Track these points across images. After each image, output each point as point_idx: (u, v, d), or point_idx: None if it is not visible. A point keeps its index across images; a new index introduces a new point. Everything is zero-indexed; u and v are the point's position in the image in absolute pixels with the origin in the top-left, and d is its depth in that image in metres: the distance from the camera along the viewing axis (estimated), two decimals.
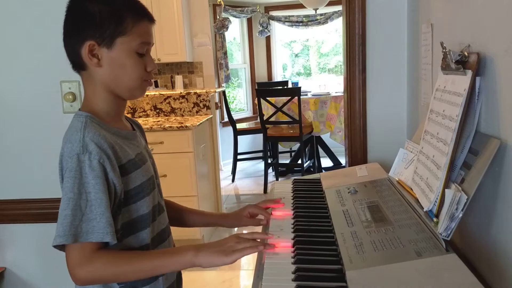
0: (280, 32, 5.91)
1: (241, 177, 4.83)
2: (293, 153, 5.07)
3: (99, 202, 0.83)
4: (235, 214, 1.18)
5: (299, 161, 4.39)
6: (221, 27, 4.87)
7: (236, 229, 3.45)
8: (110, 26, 0.88)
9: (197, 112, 3.46)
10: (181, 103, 3.46)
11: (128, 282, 0.92)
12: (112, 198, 0.87)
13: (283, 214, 1.13)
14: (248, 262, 2.83)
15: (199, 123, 3.04)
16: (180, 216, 1.17)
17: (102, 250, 0.85)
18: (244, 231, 0.97)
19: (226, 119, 4.97)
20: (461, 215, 0.78)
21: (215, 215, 1.33)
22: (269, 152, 4.52)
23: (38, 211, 1.65)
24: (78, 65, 0.93)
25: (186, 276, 1.10)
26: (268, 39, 5.73)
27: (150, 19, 0.94)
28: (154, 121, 3.21)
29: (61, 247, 0.84)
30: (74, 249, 0.83)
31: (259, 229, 1.15)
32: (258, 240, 0.94)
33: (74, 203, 0.82)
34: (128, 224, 0.92)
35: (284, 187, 1.36)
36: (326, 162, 4.75)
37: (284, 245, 0.92)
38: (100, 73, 0.91)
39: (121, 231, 0.90)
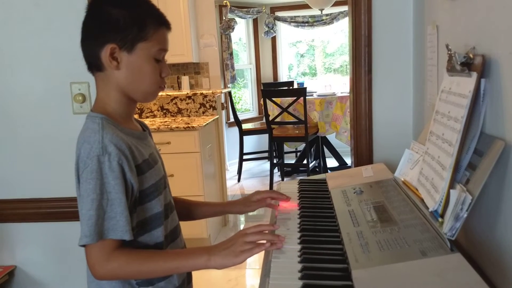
0: (285, 33, 5.91)
1: (247, 177, 4.85)
2: (298, 153, 5.07)
3: (119, 202, 0.85)
4: (243, 200, 1.19)
5: (305, 161, 4.40)
6: (227, 28, 4.89)
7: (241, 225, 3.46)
8: (133, 31, 0.90)
9: (203, 112, 3.48)
10: (187, 103, 3.48)
11: None
12: (129, 197, 0.89)
13: (290, 207, 1.16)
14: (254, 261, 2.84)
15: (205, 123, 3.06)
16: (188, 210, 1.20)
17: (120, 249, 0.87)
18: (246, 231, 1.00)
19: (232, 119, 4.99)
20: (466, 215, 0.79)
21: (222, 204, 1.36)
22: (274, 153, 4.53)
23: (49, 210, 1.68)
24: (95, 66, 0.94)
25: (193, 274, 1.11)
26: (273, 39, 5.74)
27: (168, 26, 0.96)
28: (161, 122, 3.24)
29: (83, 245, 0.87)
30: (93, 248, 0.86)
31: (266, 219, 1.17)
32: (266, 231, 0.95)
33: (98, 203, 0.85)
34: (143, 222, 0.94)
35: (290, 187, 1.38)
36: (331, 162, 4.75)
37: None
38: (117, 75, 0.93)
39: (136, 229, 0.92)
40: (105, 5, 0.92)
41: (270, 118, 4.16)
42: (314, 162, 4.51)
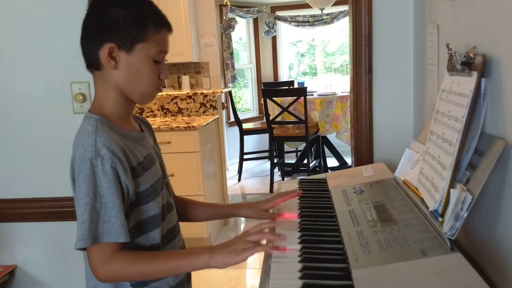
0: (286, 32, 5.91)
1: (247, 177, 4.85)
2: (299, 153, 5.07)
3: (112, 205, 0.85)
4: (252, 206, 1.17)
5: (305, 161, 4.40)
6: (227, 27, 4.89)
7: (242, 227, 3.46)
8: (132, 31, 0.90)
9: (203, 112, 3.48)
10: (188, 103, 3.48)
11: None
12: (125, 200, 0.89)
13: (290, 213, 1.15)
14: (254, 260, 2.84)
15: (205, 123, 3.06)
16: (186, 211, 1.18)
17: (121, 251, 0.87)
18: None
19: (232, 119, 4.99)
20: (466, 215, 0.79)
21: (231, 206, 1.30)
22: (275, 152, 4.53)
23: (49, 209, 1.68)
24: (93, 65, 0.94)
25: (193, 274, 1.11)
26: (274, 39, 5.74)
27: (169, 28, 0.96)
28: (162, 121, 3.24)
29: (83, 248, 0.87)
30: (94, 251, 0.86)
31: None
32: (266, 230, 0.95)
33: (91, 206, 0.85)
34: (139, 224, 0.94)
35: (290, 187, 1.38)
36: (332, 162, 4.75)
37: (291, 247, 0.93)
38: (115, 75, 0.93)
39: (133, 231, 0.92)
40: (106, 5, 0.92)
41: (271, 118, 4.16)
42: (314, 161, 4.51)
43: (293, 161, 5.01)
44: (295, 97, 4.03)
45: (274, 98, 4.17)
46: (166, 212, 1.02)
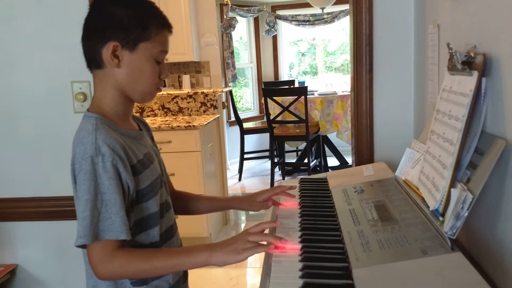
0: (286, 31, 5.91)
1: (248, 176, 4.85)
2: (299, 152, 5.07)
3: (113, 202, 0.85)
4: (246, 198, 1.20)
5: (306, 160, 4.40)
6: (228, 26, 4.88)
7: (243, 225, 3.46)
8: (136, 30, 0.91)
9: (204, 111, 3.48)
10: (188, 102, 3.48)
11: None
12: (126, 197, 0.89)
13: (290, 206, 1.17)
14: (255, 259, 2.85)
15: (206, 122, 3.07)
16: (186, 204, 1.20)
17: (121, 249, 0.88)
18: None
19: (233, 118, 4.99)
20: (466, 214, 0.79)
21: (227, 199, 1.35)
22: (275, 151, 4.53)
23: (50, 209, 1.68)
24: (94, 63, 0.95)
25: (193, 272, 1.11)
26: (274, 38, 5.74)
27: (170, 29, 0.97)
28: (162, 121, 3.24)
29: (83, 245, 0.87)
30: (94, 248, 0.86)
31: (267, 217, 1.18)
32: (267, 231, 0.96)
33: (92, 204, 0.85)
34: (139, 222, 0.94)
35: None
36: (332, 161, 4.76)
37: (292, 247, 0.94)
38: (117, 73, 0.93)
39: (133, 228, 0.92)
40: (109, 4, 0.93)
41: (271, 117, 4.17)
42: (315, 161, 4.51)
43: (294, 161, 5.01)
44: (296, 97, 4.03)
45: (274, 98, 4.17)
46: (164, 210, 1.02)
